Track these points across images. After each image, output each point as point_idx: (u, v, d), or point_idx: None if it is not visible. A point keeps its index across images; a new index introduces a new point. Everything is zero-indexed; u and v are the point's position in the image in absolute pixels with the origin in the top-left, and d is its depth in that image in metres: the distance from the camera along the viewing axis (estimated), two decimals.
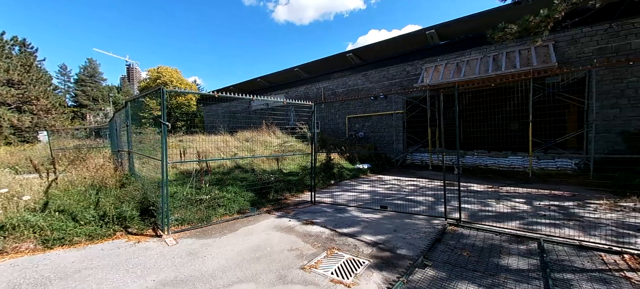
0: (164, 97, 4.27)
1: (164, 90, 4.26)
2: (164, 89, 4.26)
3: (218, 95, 4.85)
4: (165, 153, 4.36)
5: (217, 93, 4.82)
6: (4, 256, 3.77)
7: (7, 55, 23.07)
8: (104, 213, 4.64)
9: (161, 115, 4.29)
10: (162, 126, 4.29)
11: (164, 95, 4.27)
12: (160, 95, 4.25)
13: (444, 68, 12.59)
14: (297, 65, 20.66)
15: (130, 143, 6.50)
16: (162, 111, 4.29)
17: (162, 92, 4.25)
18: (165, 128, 4.32)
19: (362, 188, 8.09)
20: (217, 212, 5.35)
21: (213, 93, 4.75)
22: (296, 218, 5.28)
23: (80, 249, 3.98)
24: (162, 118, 4.29)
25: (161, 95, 4.26)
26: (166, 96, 4.41)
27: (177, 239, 4.32)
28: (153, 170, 8.55)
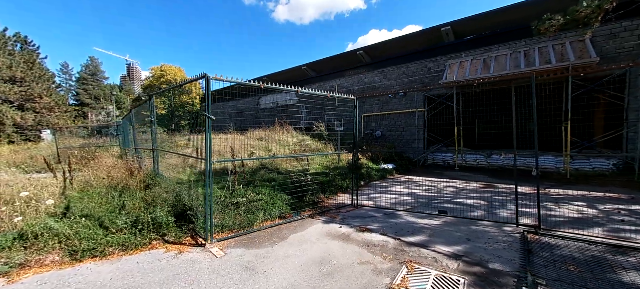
0: (208, 86, 3.71)
1: (209, 78, 3.70)
2: (208, 77, 3.70)
3: (264, 86, 4.30)
4: (210, 150, 3.81)
5: (263, 84, 4.27)
6: (27, 270, 3.20)
7: (10, 52, 22.46)
8: (136, 218, 4.07)
9: (205, 107, 3.73)
10: (206, 120, 3.73)
11: (209, 84, 3.71)
12: (206, 84, 3.69)
13: (469, 64, 12.06)
14: (304, 63, 20.19)
15: (154, 140, 5.93)
16: (206, 102, 3.73)
17: (206, 80, 3.69)
18: (210, 122, 3.76)
19: (398, 190, 7.54)
20: (256, 217, 4.78)
21: (259, 84, 4.21)
22: (346, 224, 4.73)
23: (115, 262, 3.41)
24: (207, 111, 3.74)
25: (206, 84, 3.70)
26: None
27: (223, 249, 3.76)
28: (182, 171, 8.01)
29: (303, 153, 10.25)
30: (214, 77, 3.76)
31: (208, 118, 3.74)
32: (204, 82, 3.70)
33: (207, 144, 3.79)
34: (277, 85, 4.59)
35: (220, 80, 3.80)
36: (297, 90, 4.88)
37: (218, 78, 3.78)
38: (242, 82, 4.06)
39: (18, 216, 3.75)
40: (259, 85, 4.25)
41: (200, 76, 3.72)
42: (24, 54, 23.53)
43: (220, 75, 3.82)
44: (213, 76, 3.75)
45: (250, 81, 4.16)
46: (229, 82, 3.89)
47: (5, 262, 3.23)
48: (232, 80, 3.93)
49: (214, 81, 3.85)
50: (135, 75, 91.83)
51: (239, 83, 4.00)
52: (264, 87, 4.32)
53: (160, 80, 37.48)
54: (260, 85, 4.28)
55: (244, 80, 4.12)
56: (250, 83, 4.16)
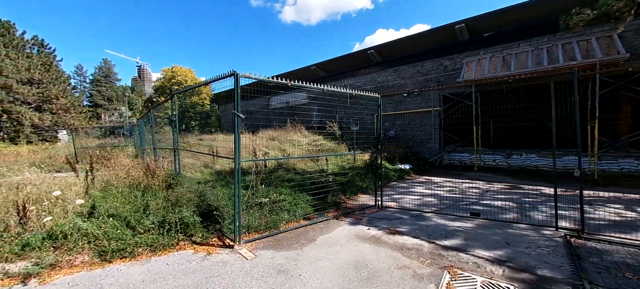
0: (238, 83, 3.61)
1: (238, 76, 3.60)
2: (237, 74, 3.60)
3: (291, 84, 4.18)
4: (239, 149, 3.71)
5: (290, 82, 4.16)
6: (58, 271, 3.16)
7: (28, 54, 23.08)
8: (163, 219, 4.01)
9: (234, 105, 3.63)
10: (235, 118, 3.64)
11: (238, 81, 3.61)
12: (235, 82, 3.59)
13: (488, 61, 11.73)
14: (313, 63, 20.13)
15: (176, 139, 5.89)
16: (235, 100, 3.63)
17: (235, 78, 3.60)
18: (239, 121, 3.66)
19: (419, 191, 7.33)
20: (281, 217, 4.67)
21: (286, 82, 4.10)
22: (374, 226, 4.57)
23: (144, 263, 3.34)
24: (236, 109, 3.64)
25: (235, 82, 3.60)
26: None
27: (252, 250, 3.65)
28: (198, 170, 7.96)
29: (324, 153, 10.13)
30: (244, 75, 3.66)
31: (237, 117, 3.64)
32: (233, 80, 3.60)
33: (236, 143, 3.69)
34: (303, 83, 4.46)
35: (249, 77, 3.70)
36: (323, 88, 4.75)
37: (247, 75, 3.69)
38: (269, 80, 3.95)
39: (47, 216, 3.72)
40: (286, 83, 4.14)
41: (230, 74, 3.63)
42: (41, 57, 24.16)
43: (249, 73, 3.72)
44: (242, 73, 3.65)
45: (277, 78, 4.05)
46: (257, 79, 3.79)
47: (36, 262, 3.20)
48: (260, 78, 3.82)
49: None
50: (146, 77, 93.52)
51: (266, 81, 3.90)
52: (291, 85, 4.20)
53: (171, 81, 37.95)
54: (288, 83, 4.16)
55: (271, 78, 4.00)
56: (278, 82, 4.05)
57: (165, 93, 38.49)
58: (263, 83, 4.06)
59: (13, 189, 4.93)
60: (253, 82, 3.95)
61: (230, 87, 3.78)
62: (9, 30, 22.60)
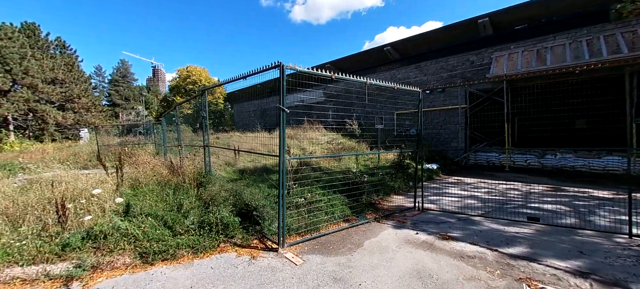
0: (283, 75, 3.36)
1: (284, 67, 3.35)
2: (283, 66, 3.35)
3: (335, 76, 3.90)
4: (283, 146, 3.46)
5: (334, 75, 3.88)
6: (100, 274, 2.99)
7: (52, 55, 23.77)
8: (202, 219, 3.81)
9: (280, 98, 3.38)
10: (280, 113, 3.38)
11: (283, 73, 3.36)
12: (281, 74, 3.34)
13: (520, 56, 11.10)
14: (327, 61, 19.86)
15: (206, 137, 5.72)
16: (280, 93, 3.38)
17: (281, 69, 3.34)
18: (284, 116, 3.41)
19: (454, 192, 6.92)
20: (319, 219, 4.40)
21: (331, 74, 3.82)
22: (421, 230, 4.23)
23: (187, 266, 3.14)
24: (281, 103, 3.38)
25: (280, 74, 3.35)
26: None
27: (298, 255, 3.40)
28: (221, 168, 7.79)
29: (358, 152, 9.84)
30: (289, 66, 3.41)
31: (282, 111, 3.38)
32: (279, 71, 3.35)
33: (281, 140, 3.44)
34: (345, 75, 4.17)
35: (293, 69, 3.44)
36: (366, 81, 4.44)
37: (292, 67, 3.43)
38: (314, 72, 3.68)
39: (87, 215, 3.58)
40: (329, 75, 3.86)
41: (275, 65, 3.38)
42: (64, 57, 24.85)
43: (294, 64, 3.46)
44: (288, 65, 3.39)
45: (320, 70, 3.77)
46: (301, 72, 3.53)
47: (78, 264, 3.04)
48: (305, 71, 3.56)
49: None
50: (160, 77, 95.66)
51: (310, 74, 3.63)
52: (335, 77, 3.92)
53: (186, 80, 38.52)
54: (332, 75, 3.89)
55: (315, 70, 3.73)
56: (321, 74, 3.77)
57: (181, 92, 39.12)
58: (321, 74, 3.78)
59: (48, 186, 4.87)
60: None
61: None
62: (34, 31, 23.34)
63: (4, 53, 18.37)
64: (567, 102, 11.55)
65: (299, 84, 3.88)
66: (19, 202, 4.11)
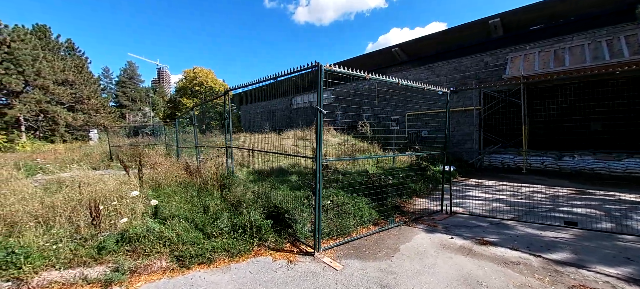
0: (321, 75, 3.29)
1: (322, 67, 3.28)
2: (321, 66, 3.28)
3: (369, 77, 3.82)
4: (321, 147, 3.38)
5: (368, 75, 3.80)
6: (138, 278, 2.93)
7: (62, 57, 24.01)
8: (234, 222, 3.74)
9: (317, 98, 3.31)
10: (318, 113, 3.31)
11: (321, 73, 3.28)
12: (319, 74, 3.27)
13: (537, 57, 10.94)
14: (331, 63, 19.76)
15: (229, 138, 5.66)
16: (318, 95, 3.31)
17: (319, 69, 3.27)
18: (322, 116, 3.34)
19: (478, 195, 6.78)
20: (348, 222, 4.32)
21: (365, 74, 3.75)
22: (455, 235, 4.13)
23: (225, 271, 3.07)
24: (318, 103, 3.31)
25: (319, 74, 3.28)
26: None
27: (335, 259, 3.31)
28: (243, 169, 7.70)
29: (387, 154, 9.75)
30: (327, 66, 3.33)
31: (320, 112, 3.31)
32: (318, 72, 3.28)
33: (318, 141, 3.37)
34: (378, 76, 4.08)
35: (332, 70, 3.37)
36: (397, 81, 4.34)
37: (331, 68, 3.35)
38: (349, 72, 3.60)
39: (123, 218, 3.53)
40: (364, 76, 3.78)
41: (313, 65, 3.31)
42: (74, 59, 25.09)
43: (332, 65, 3.39)
44: (326, 65, 3.32)
45: (356, 71, 3.69)
46: (337, 72, 3.45)
47: (116, 268, 2.99)
48: (341, 71, 3.48)
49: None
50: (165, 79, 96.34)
51: (345, 74, 3.56)
52: (369, 77, 3.84)
53: (193, 82, 38.69)
54: (366, 75, 3.80)
55: (353, 72, 3.65)
56: (355, 74, 3.69)
57: (187, 93, 39.29)
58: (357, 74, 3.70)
59: (73, 187, 4.84)
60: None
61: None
62: (45, 33, 23.59)
63: (17, 55, 18.57)
64: (582, 103, 11.35)
65: (310, 85, 3.80)
66: (46, 203, 4.08)
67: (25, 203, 3.95)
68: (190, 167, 7.72)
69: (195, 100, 38.66)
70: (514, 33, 12.03)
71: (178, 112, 38.50)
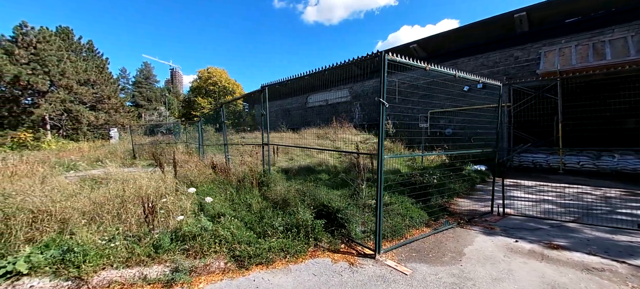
0: (384, 66, 3.08)
1: (385, 57, 3.07)
2: (384, 55, 3.07)
3: (429, 68, 3.60)
4: (382, 143, 3.17)
5: (428, 66, 3.58)
6: (198, 279, 2.80)
7: (84, 57, 24.64)
8: (287, 221, 3.58)
9: (380, 91, 3.10)
10: (381, 106, 3.10)
11: (384, 64, 3.08)
12: (382, 64, 3.06)
13: (573, 50, 10.38)
14: (349, 59, 19.56)
15: (267, 135, 5.52)
16: (381, 85, 3.10)
17: (381, 59, 3.06)
18: (384, 109, 3.13)
19: (521, 196, 6.43)
20: (399, 223, 4.09)
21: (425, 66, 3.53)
22: (518, 238, 3.84)
23: (286, 272, 2.91)
24: (381, 96, 3.10)
25: (381, 64, 3.07)
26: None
27: (399, 262, 3.10)
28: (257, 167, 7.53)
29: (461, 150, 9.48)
30: (391, 57, 3.12)
31: (382, 105, 3.10)
32: (380, 61, 3.07)
33: (380, 138, 3.16)
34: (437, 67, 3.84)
35: (395, 61, 3.15)
36: (455, 73, 4.09)
37: (394, 59, 3.14)
38: (408, 62, 3.38)
39: (179, 216, 3.43)
40: (424, 67, 3.56)
41: (376, 55, 3.11)
42: (95, 59, 25.72)
43: (395, 55, 3.18)
44: (390, 56, 3.11)
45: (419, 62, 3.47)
46: (399, 62, 3.23)
47: (175, 268, 2.87)
48: (403, 61, 3.26)
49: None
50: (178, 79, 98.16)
51: (410, 64, 3.34)
52: (429, 69, 3.61)
53: (207, 81, 39.16)
54: (426, 67, 3.58)
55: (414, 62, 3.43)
56: (415, 64, 3.46)
57: (201, 93, 39.79)
58: (419, 65, 3.48)
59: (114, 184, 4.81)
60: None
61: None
62: (68, 35, 24.26)
63: (43, 55, 19.13)
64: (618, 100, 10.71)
65: (326, 83, 3.59)
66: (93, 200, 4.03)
67: (73, 199, 3.91)
68: (217, 165, 7.67)
69: (210, 100, 39.14)
70: (547, 26, 11.49)
71: (193, 111, 39.05)
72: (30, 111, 19.44)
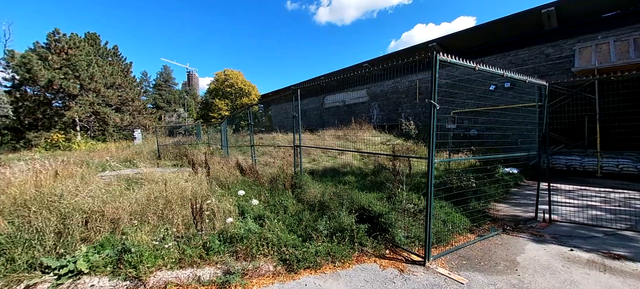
0: (436, 65, 2.98)
1: (437, 56, 2.97)
2: (436, 54, 2.98)
3: (478, 68, 3.47)
4: (434, 145, 3.08)
5: (477, 66, 3.45)
6: (250, 281, 2.81)
7: (110, 62, 25.73)
8: (329, 225, 3.55)
9: (431, 93, 3.01)
10: (431, 108, 3.01)
11: (436, 63, 2.98)
12: (433, 63, 2.97)
13: (612, 46, 9.79)
14: (365, 60, 19.57)
15: (299, 137, 5.52)
16: (432, 87, 3.01)
17: (433, 58, 2.97)
18: (436, 112, 3.03)
19: (564, 201, 6.09)
20: (441, 228, 3.96)
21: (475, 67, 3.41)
22: (574, 246, 3.63)
23: (335, 277, 2.87)
24: (432, 97, 3.01)
25: (433, 63, 2.98)
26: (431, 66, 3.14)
27: (452, 270, 2.99)
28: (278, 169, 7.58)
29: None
30: (442, 57, 3.03)
31: (433, 107, 3.01)
32: (431, 62, 2.99)
33: (431, 140, 3.06)
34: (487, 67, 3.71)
35: (445, 60, 3.05)
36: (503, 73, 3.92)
37: (445, 59, 3.04)
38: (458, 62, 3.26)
39: (228, 218, 3.47)
40: (473, 66, 3.43)
41: (428, 55, 3.02)
42: (120, 63, 26.81)
43: (449, 56, 3.08)
44: (441, 56, 3.02)
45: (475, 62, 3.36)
46: (451, 63, 3.13)
47: (227, 270, 2.89)
48: (457, 63, 3.15)
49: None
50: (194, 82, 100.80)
51: (460, 65, 3.23)
52: (478, 69, 3.47)
53: (224, 83, 39.97)
54: (475, 66, 3.45)
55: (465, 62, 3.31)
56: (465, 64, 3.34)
57: (219, 94, 40.63)
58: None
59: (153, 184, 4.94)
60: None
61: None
62: (96, 40, 25.43)
63: (74, 60, 20.13)
64: None
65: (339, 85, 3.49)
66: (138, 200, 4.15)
67: (121, 200, 4.04)
68: (243, 166, 7.76)
69: (227, 102, 39.90)
70: (580, 21, 10.91)
71: (211, 113, 39.95)
72: (61, 113, 20.50)
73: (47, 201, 3.71)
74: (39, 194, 3.99)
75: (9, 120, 19.94)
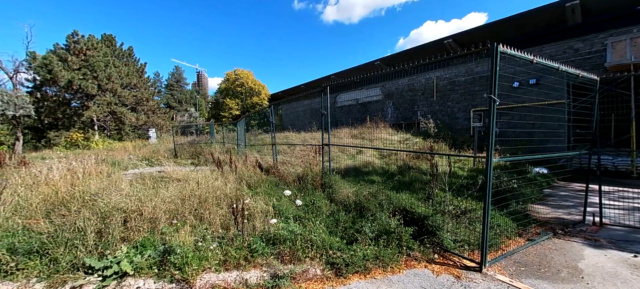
0: (496, 58, 2.79)
1: (497, 48, 2.78)
2: (496, 47, 2.78)
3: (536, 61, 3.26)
4: (493, 142, 2.88)
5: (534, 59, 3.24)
6: (299, 286, 2.68)
7: (126, 62, 26.18)
8: (375, 228, 3.39)
9: (490, 87, 2.81)
10: (491, 102, 2.81)
11: (497, 55, 2.79)
12: (493, 56, 2.77)
13: None
14: (376, 59, 19.43)
15: (328, 136, 5.38)
16: (492, 81, 2.81)
17: (494, 50, 2.77)
18: (495, 105, 2.83)
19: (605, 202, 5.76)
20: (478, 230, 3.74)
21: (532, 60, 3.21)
22: (636, 252, 3.37)
23: (387, 283, 2.71)
24: (492, 92, 2.82)
25: (493, 55, 2.78)
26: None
27: (511, 277, 2.79)
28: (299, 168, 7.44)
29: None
30: (503, 49, 2.84)
31: (493, 101, 2.81)
32: (491, 53, 2.79)
33: (490, 138, 2.87)
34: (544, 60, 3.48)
35: (506, 52, 2.86)
36: (558, 67, 3.69)
37: (505, 50, 2.85)
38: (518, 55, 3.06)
39: (272, 219, 3.36)
40: (531, 59, 3.23)
41: (484, 47, 2.83)
42: (135, 64, 27.26)
43: (508, 47, 2.89)
44: (502, 48, 2.83)
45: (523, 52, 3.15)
46: (511, 55, 2.93)
47: (273, 273, 2.77)
48: (515, 54, 2.95)
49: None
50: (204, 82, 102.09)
51: (519, 57, 3.03)
52: (536, 62, 3.27)
53: (234, 83, 40.21)
54: (532, 60, 3.25)
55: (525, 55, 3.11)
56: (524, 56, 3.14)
57: (229, 94, 40.91)
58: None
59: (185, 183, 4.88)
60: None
61: None
62: (112, 42, 25.90)
63: (92, 61, 20.54)
64: None
65: (351, 84, 3.28)
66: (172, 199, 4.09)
67: (156, 199, 3.98)
68: (263, 165, 7.68)
69: (237, 101, 40.15)
70: (610, 15, 10.39)
71: (221, 112, 40.26)
72: (80, 113, 20.96)
73: (88, 200, 3.68)
74: (78, 192, 3.96)
75: (31, 120, 20.50)
